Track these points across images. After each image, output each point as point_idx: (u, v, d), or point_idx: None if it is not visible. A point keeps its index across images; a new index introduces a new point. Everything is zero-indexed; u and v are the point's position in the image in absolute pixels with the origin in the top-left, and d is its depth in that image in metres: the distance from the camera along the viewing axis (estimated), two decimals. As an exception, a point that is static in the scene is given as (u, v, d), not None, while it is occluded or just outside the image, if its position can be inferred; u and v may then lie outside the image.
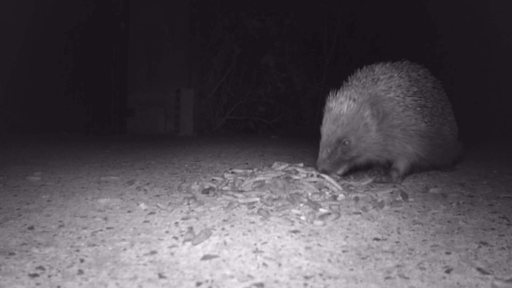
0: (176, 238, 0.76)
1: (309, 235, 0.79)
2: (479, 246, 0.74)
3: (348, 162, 1.23)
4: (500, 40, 3.61)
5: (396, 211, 0.98)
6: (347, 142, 1.19)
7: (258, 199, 1.01)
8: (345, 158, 1.20)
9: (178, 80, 3.66)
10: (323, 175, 1.15)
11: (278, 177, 1.13)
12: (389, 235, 0.80)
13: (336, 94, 1.23)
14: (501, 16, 3.57)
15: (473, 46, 3.88)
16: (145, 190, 1.17)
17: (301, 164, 1.26)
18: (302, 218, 0.89)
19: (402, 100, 1.24)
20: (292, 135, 3.90)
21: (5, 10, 2.90)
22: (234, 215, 0.92)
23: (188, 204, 0.99)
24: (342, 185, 1.14)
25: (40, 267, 0.62)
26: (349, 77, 1.36)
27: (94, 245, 0.72)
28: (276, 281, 0.58)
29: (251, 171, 1.25)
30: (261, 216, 0.89)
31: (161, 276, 0.60)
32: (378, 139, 1.21)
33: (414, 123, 1.24)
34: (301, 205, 0.98)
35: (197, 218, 0.89)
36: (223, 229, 0.81)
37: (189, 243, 0.73)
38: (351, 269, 0.63)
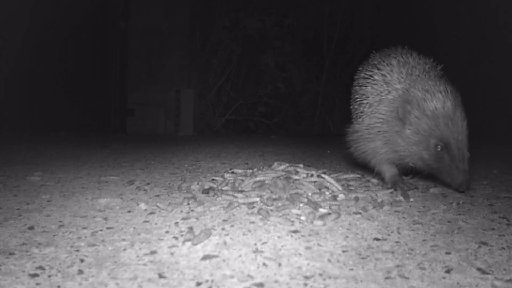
0: (176, 238, 0.76)
1: (309, 235, 0.79)
2: (479, 246, 0.74)
3: None
4: (501, 40, 3.61)
5: (396, 211, 0.98)
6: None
7: (258, 199, 1.01)
8: None
9: (178, 80, 3.66)
10: (323, 175, 1.15)
11: (278, 177, 1.13)
12: (389, 235, 0.80)
13: (429, 93, 1.05)
14: (501, 16, 3.57)
15: (473, 46, 3.88)
16: (145, 190, 1.17)
17: (301, 165, 1.26)
18: (302, 218, 0.89)
19: None
20: (292, 135, 3.90)
21: (4, 10, 2.90)
22: (234, 215, 0.92)
23: (188, 204, 0.99)
24: (342, 185, 1.14)
25: (40, 267, 0.62)
26: (401, 69, 1.16)
27: (94, 245, 0.72)
28: (276, 281, 0.58)
29: (251, 171, 1.25)
30: (261, 216, 0.89)
31: (161, 276, 0.60)
32: None
33: None
34: (301, 205, 0.98)
35: (197, 218, 0.89)
36: (223, 229, 0.81)
37: (189, 243, 0.73)
38: (351, 269, 0.63)
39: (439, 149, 1.04)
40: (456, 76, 1.16)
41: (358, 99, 1.24)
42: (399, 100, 1.10)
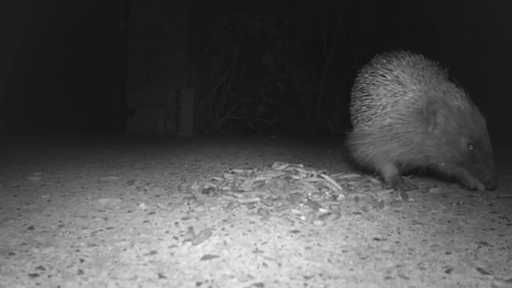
0: (176, 238, 0.76)
1: (309, 235, 0.79)
2: (479, 246, 0.74)
3: None
4: (501, 40, 3.61)
5: (396, 211, 0.98)
6: None
7: (258, 199, 1.01)
8: None
9: (178, 80, 3.66)
10: (323, 175, 1.14)
11: (278, 177, 1.13)
12: (389, 235, 0.80)
13: (449, 93, 1.07)
14: (501, 16, 3.56)
15: (473, 46, 3.88)
16: (145, 190, 1.17)
17: (301, 165, 1.26)
18: (302, 218, 0.89)
19: None
20: (292, 135, 3.90)
21: (4, 10, 2.90)
22: (234, 215, 0.92)
23: (188, 204, 0.99)
24: (342, 185, 1.14)
25: (40, 267, 0.62)
26: (415, 71, 1.15)
27: (94, 245, 0.72)
28: (276, 281, 0.58)
29: (251, 171, 1.25)
30: (261, 216, 0.89)
31: (161, 276, 0.60)
32: None
33: None
34: (301, 205, 0.98)
35: (197, 218, 0.89)
36: (223, 229, 0.81)
37: (189, 243, 0.73)
38: (351, 269, 0.63)
39: (471, 148, 1.05)
40: (456, 76, 1.16)
41: (368, 100, 1.20)
42: (422, 101, 1.09)
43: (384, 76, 1.18)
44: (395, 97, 1.14)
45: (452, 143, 1.06)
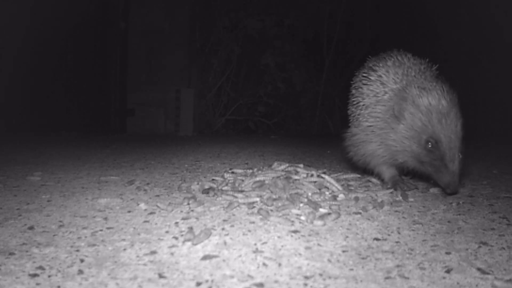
0: (176, 238, 0.76)
1: (309, 235, 0.79)
2: (479, 246, 0.74)
3: None
4: (501, 40, 3.61)
5: (396, 211, 0.98)
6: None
7: (258, 199, 1.01)
8: None
9: (178, 80, 3.66)
10: (323, 175, 1.14)
11: (278, 177, 1.13)
12: (389, 235, 0.80)
13: (425, 90, 1.04)
14: (501, 16, 3.57)
15: (473, 46, 3.88)
16: (145, 190, 1.17)
17: (301, 165, 1.26)
18: (302, 218, 0.89)
19: None
20: (292, 135, 3.90)
21: (4, 10, 2.90)
22: (234, 215, 0.92)
23: (188, 204, 0.99)
24: (342, 185, 1.14)
25: (40, 267, 0.62)
26: (396, 72, 1.15)
27: (94, 245, 0.72)
28: (276, 281, 0.58)
29: (251, 171, 1.25)
30: (261, 216, 0.89)
31: (161, 276, 0.60)
32: None
33: None
34: (301, 205, 0.98)
35: (197, 218, 0.89)
36: (223, 229, 0.81)
37: (189, 243, 0.73)
38: (351, 269, 0.63)
39: (429, 146, 1.03)
40: (456, 76, 1.16)
41: (355, 102, 1.23)
42: (395, 98, 1.10)
43: (369, 78, 1.20)
44: (377, 97, 1.15)
45: (414, 139, 1.05)
